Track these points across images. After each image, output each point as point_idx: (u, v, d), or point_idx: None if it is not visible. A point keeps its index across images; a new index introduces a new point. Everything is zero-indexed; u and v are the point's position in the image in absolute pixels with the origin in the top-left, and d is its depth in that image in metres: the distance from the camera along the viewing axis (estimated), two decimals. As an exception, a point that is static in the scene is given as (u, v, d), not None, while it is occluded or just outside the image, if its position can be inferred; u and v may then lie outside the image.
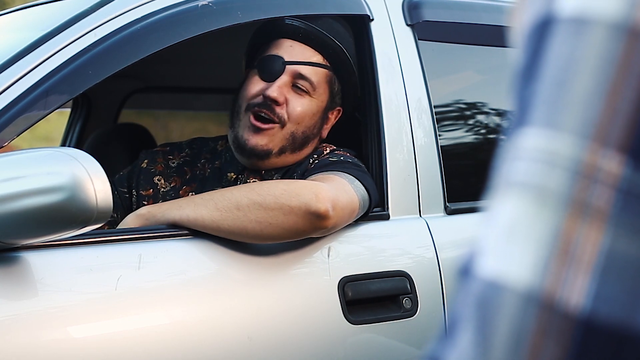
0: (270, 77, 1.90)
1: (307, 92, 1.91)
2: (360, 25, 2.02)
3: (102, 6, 1.72)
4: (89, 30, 1.66)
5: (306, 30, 1.93)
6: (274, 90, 1.87)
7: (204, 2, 1.77)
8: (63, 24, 1.67)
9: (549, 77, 0.45)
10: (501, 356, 0.43)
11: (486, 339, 0.44)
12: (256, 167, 1.93)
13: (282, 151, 1.91)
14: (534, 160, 0.45)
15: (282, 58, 1.91)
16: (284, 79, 1.90)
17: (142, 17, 1.71)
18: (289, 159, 1.93)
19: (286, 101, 1.89)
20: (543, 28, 0.47)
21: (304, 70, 1.91)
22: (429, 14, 2.08)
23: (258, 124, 1.87)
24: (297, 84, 1.91)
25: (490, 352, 0.43)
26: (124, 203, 2.00)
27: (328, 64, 1.95)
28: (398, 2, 2.08)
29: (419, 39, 2.05)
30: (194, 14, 1.76)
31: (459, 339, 0.45)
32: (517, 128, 0.46)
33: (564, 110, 0.45)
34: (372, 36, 2.00)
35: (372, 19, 2.01)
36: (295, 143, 1.91)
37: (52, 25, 1.67)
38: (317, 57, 1.94)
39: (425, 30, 2.08)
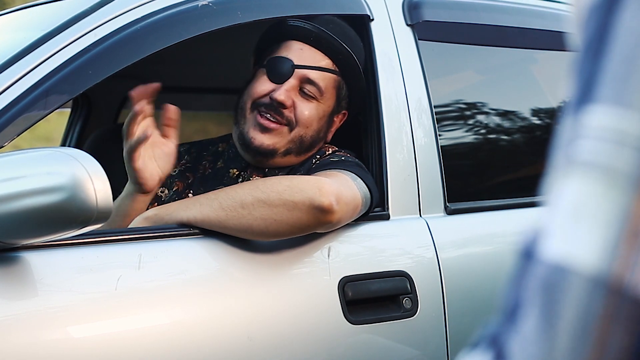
0: (278, 79, 1.89)
1: (314, 97, 1.91)
2: (360, 25, 2.02)
3: (102, 6, 1.72)
4: (89, 30, 1.66)
5: (317, 34, 1.92)
6: (281, 94, 1.87)
7: (204, 2, 1.77)
8: (63, 24, 1.67)
9: (619, 53, 0.44)
10: (567, 343, 0.42)
11: (552, 325, 0.42)
12: (260, 164, 1.93)
13: (287, 152, 1.91)
14: (600, 139, 0.43)
15: (291, 61, 1.90)
16: (292, 82, 1.89)
17: (142, 17, 1.71)
18: (294, 159, 1.93)
19: (293, 104, 1.89)
20: (612, 2, 0.45)
21: (313, 75, 1.91)
22: (429, 14, 2.08)
23: (266, 122, 1.87)
24: (305, 89, 1.90)
25: (555, 338, 0.42)
26: None
27: (337, 69, 1.94)
28: (398, 2, 2.08)
29: (419, 39, 2.05)
30: (194, 14, 1.76)
31: (523, 325, 0.44)
32: (581, 105, 0.44)
33: (635, 88, 0.43)
34: (372, 36, 1.99)
35: (372, 19, 2.01)
36: (302, 146, 1.91)
37: (52, 25, 1.67)
38: (326, 62, 1.93)
39: (425, 30, 2.08)
